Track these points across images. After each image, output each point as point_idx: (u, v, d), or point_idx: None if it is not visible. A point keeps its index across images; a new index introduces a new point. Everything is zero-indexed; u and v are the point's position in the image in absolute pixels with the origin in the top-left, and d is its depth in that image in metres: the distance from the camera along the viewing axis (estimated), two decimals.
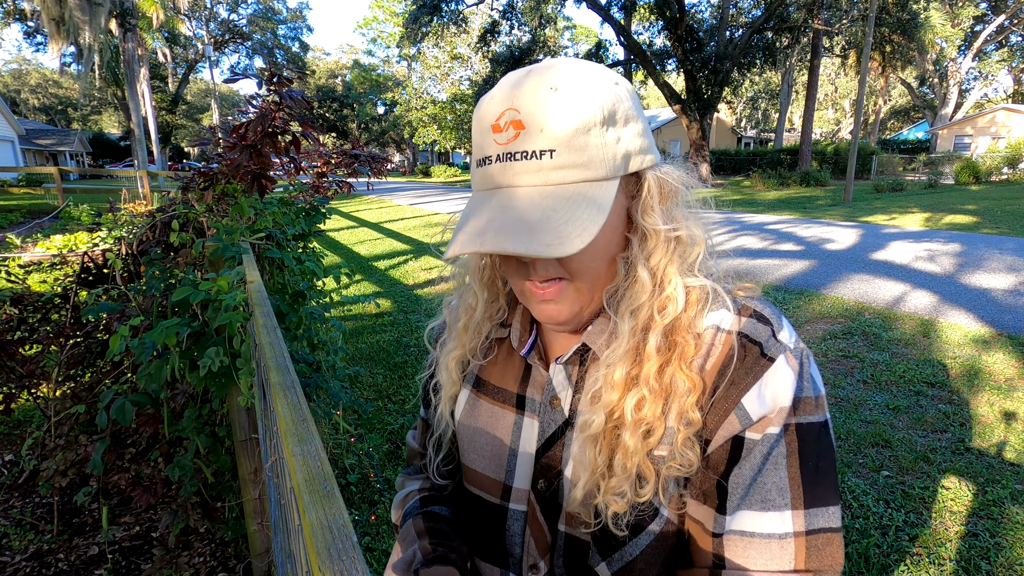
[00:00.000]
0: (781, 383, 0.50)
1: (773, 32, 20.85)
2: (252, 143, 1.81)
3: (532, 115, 0.48)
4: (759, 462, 0.50)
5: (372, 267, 7.36)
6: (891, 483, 2.35)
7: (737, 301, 0.55)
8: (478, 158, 0.52)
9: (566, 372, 0.59)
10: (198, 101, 57.71)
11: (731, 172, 28.83)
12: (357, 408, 2.73)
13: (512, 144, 0.48)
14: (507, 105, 0.49)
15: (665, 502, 0.54)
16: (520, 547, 0.62)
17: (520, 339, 0.63)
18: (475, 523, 0.66)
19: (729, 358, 0.51)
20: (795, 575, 0.50)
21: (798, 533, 0.50)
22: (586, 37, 45.54)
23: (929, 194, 15.56)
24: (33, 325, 2.22)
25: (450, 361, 0.66)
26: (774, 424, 0.50)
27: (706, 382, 0.52)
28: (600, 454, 0.53)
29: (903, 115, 50.58)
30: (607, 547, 0.56)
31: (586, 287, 0.53)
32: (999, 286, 5.18)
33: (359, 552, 0.38)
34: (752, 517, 0.51)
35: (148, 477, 1.65)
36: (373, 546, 2.05)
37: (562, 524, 0.58)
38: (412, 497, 0.72)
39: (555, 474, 0.58)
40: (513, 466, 0.61)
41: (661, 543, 0.55)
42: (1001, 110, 27.12)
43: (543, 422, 0.60)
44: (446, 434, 0.69)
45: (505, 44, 25.02)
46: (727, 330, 0.53)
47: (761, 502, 0.50)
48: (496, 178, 0.50)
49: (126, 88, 21.26)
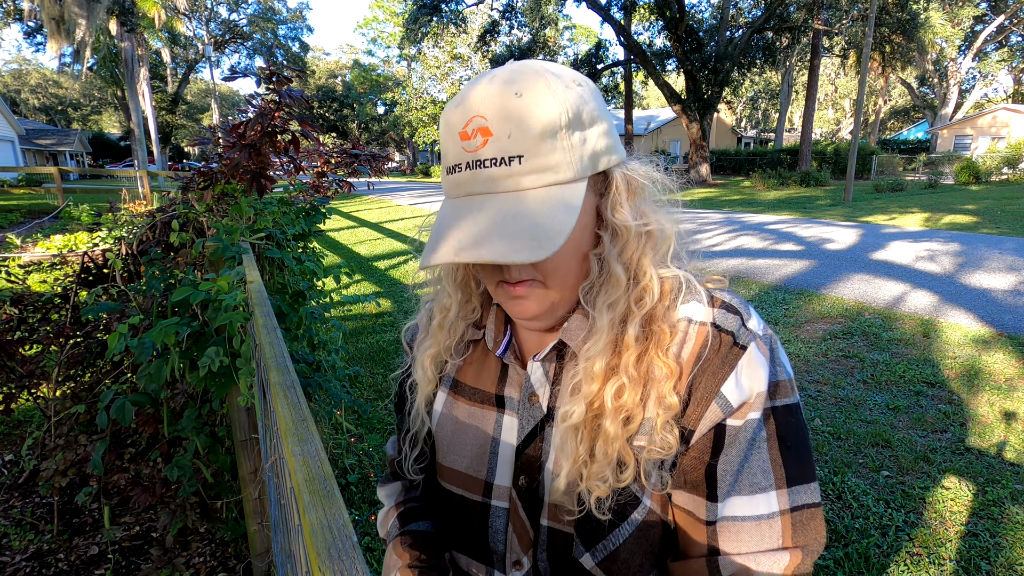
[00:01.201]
0: (756, 370, 0.52)
1: (773, 32, 20.87)
2: (251, 142, 1.81)
3: (498, 122, 0.49)
4: (744, 448, 0.52)
5: (372, 267, 7.36)
6: (891, 483, 2.35)
7: (707, 293, 0.57)
8: (448, 166, 0.52)
9: (543, 369, 0.60)
10: (198, 101, 57.72)
11: (731, 172, 28.84)
12: (357, 408, 2.73)
13: (481, 151, 0.49)
14: (473, 112, 0.50)
15: (649, 488, 0.55)
16: (503, 544, 0.62)
17: (495, 339, 0.64)
18: (456, 521, 0.67)
19: (704, 347, 0.53)
20: (783, 552, 0.52)
21: (783, 511, 0.52)
22: (586, 37, 45.55)
23: (929, 194, 15.57)
24: (33, 325, 2.22)
25: (426, 359, 0.67)
26: (754, 410, 0.52)
27: (683, 368, 0.53)
28: (581, 443, 0.54)
29: (903, 115, 50.60)
30: (590, 538, 0.56)
31: (558, 285, 0.55)
32: (999, 286, 5.18)
33: (359, 552, 0.38)
34: (742, 502, 0.52)
35: (147, 477, 1.65)
36: (373, 546, 2.05)
37: (544, 518, 0.59)
38: (391, 516, 0.74)
39: (535, 469, 0.59)
40: (494, 464, 0.62)
41: (644, 533, 0.56)
42: (1001, 110, 27.12)
43: (522, 419, 0.61)
44: (421, 431, 0.70)
45: (505, 44, 25.03)
46: (700, 321, 0.54)
47: (749, 486, 0.52)
48: (466, 186, 0.51)
49: (126, 88, 21.26)
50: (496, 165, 0.49)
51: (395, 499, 0.77)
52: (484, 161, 0.49)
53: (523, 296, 0.54)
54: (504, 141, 0.48)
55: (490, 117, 0.49)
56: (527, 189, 0.49)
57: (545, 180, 0.49)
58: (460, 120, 0.50)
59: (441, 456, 0.68)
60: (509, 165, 0.49)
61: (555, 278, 0.54)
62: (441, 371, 0.69)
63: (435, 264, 0.50)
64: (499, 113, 0.49)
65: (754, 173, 22.84)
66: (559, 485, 0.55)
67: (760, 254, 7.26)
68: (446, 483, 0.67)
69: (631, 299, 0.54)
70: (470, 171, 0.50)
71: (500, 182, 0.49)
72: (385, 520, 0.76)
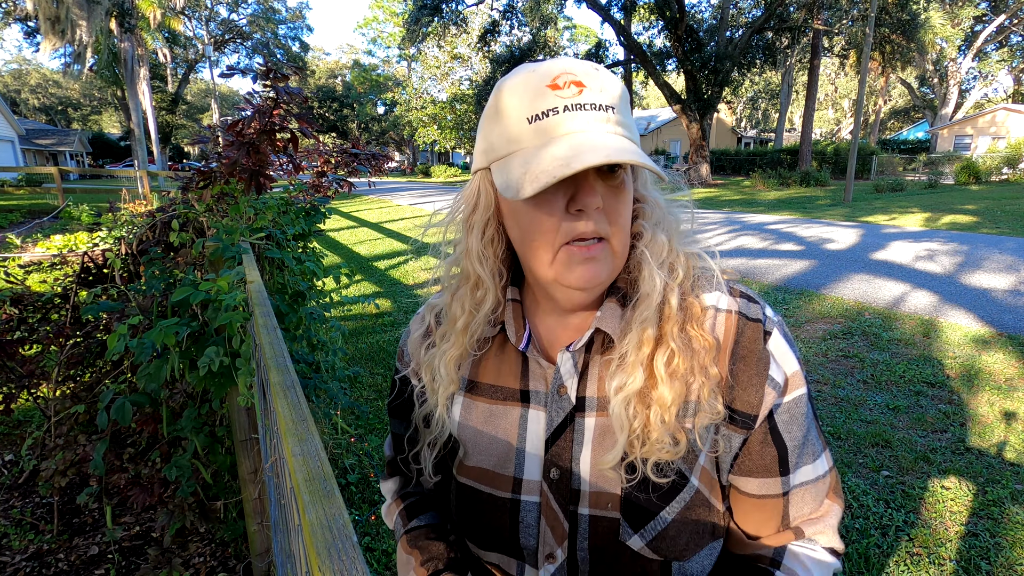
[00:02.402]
0: (786, 353, 0.58)
1: (773, 32, 20.86)
2: (249, 140, 1.81)
3: (589, 78, 0.53)
4: (802, 421, 0.58)
5: (372, 267, 7.36)
6: (891, 483, 2.35)
7: (727, 283, 0.61)
8: (536, 112, 0.52)
9: (573, 360, 0.60)
10: (198, 101, 57.70)
11: (731, 172, 28.84)
12: (357, 409, 2.73)
13: (579, 97, 0.52)
14: (560, 70, 0.53)
15: (697, 466, 0.58)
16: (535, 538, 0.62)
17: (516, 334, 0.64)
18: (482, 518, 0.66)
19: (738, 334, 0.58)
20: (828, 503, 0.60)
21: (831, 469, 0.61)
22: (586, 37, 45.53)
23: (929, 194, 15.57)
24: (33, 325, 2.22)
25: (449, 361, 0.66)
26: (797, 387, 0.58)
27: (721, 345, 0.57)
28: (636, 416, 0.56)
29: (903, 115, 50.59)
30: (638, 519, 0.58)
31: (619, 248, 0.57)
32: (999, 286, 5.18)
33: (359, 552, 0.38)
34: (808, 469, 0.59)
35: (147, 477, 1.65)
36: (373, 546, 2.05)
37: (584, 507, 0.59)
38: (395, 511, 0.76)
39: (567, 460, 0.60)
40: (522, 460, 0.62)
41: (690, 511, 0.59)
42: (1001, 110, 27.11)
43: (551, 411, 0.61)
44: (442, 437, 0.69)
45: (505, 44, 25.03)
46: (726, 309, 0.59)
47: (812, 454, 0.59)
48: (564, 126, 0.52)
49: (126, 88, 21.26)
50: (597, 109, 0.52)
51: (396, 492, 0.78)
52: (585, 105, 0.52)
53: (595, 257, 0.55)
54: (598, 93, 0.53)
55: (580, 74, 0.53)
56: (618, 135, 0.53)
57: (626, 134, 0.53)
58: (545, 75, 0.53)
59: (465, 457, 0.68)
60: (607, 112, 0.53)
61: (621, 235, 0.56)
62: (459, 369, 0.68)
63: (580, 169, 0.47)
64: (587, 73, 0.53)
65: (754, 173, 22.83)
66: (608, 459, 0.57)
67: (760, 254, 7.26)
68: (472, 481, 0.67)
69: (666, 270, 0.58)
70: (570, 112, 0.52)
71: (601, 125, 0.52)
72: (389, 514, 0.77)
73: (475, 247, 0.62)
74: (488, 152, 0.58)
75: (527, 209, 0.55)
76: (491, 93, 0.59)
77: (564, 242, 0.54)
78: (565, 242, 0.54)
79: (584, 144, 0.50)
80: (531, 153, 0.53)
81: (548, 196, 0.53)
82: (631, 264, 0.60)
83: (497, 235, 0.62)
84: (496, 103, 0.56)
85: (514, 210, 0.57)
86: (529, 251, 0.57)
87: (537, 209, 0.54)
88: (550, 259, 0.56)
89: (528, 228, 0.56)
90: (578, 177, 0.53)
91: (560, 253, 0.55)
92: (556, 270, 0.56)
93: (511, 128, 0.54)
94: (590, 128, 0.52)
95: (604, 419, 0.59)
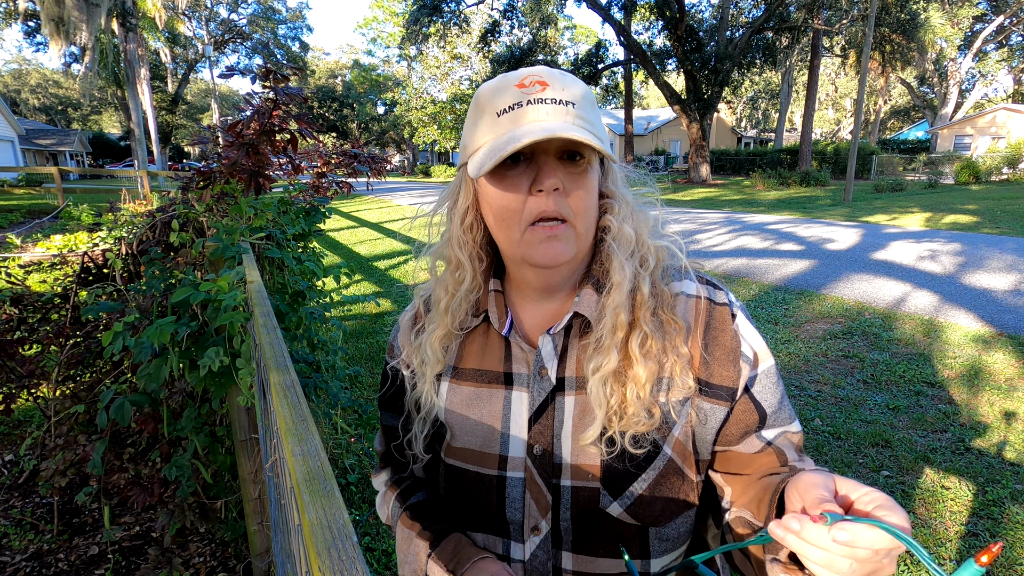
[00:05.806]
0: (751, 330, 0.65)
1: (773, 32, 20.87)
2: (249, 140, 1.81)
3: (552, 79, 0.60)
4: (775, 388, 0.64)
5: (372, 267, 7.36)
6: (891, 483, 2.35)
7: (694, 271, 0.68)
8: (504, 107, 0.59)
9: (553, 343, 0.65)
10: (198, 101, 57.69)
11: (731, 172, 28.82)
12: (357, 408, 2.73)
13: (542, 93, 0.59)
14: (527, 73, 0.61)
15: (671, 436, 0.62)
16: (521, 511, 0.66)
17: (499, 320, 0.69)
18: (470, 497, 0.70)
19: (708, 316, 0.64)
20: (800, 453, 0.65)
21: (801, 431, 0.66)
22: (586, 37, 45.52)
23: (929, 194, 15.57)
24: (33, 325, 2.22)
25: (435, 340, 0.71)
26: (766, 360, 0.64)
27: (691, 328, 0.63)
28: (612, 394, 0.60)
29: (903, 115, 50.58)
30: (616, 488, 0.63)
31: (582, 232, 0.62)
32: (999, 286, 5.18)
33: (359, 552, 0.38)
34: (787, 426, 0.64)
35: (146, 477, 1.65)
36: (373, 546, 2.05)
37: (566, 480, 0.64)
38: (390, 498, 0.80)
39: (549, 437, 0.65)
40: (507, 438, 0.67)
41: (664, 479, 0.63)
42: (1001, 110, 27.10)
43: (533, 392, 0.66)
44: (431, 414, 0.73)
45: (505, 44, 25.03)
46: (695, 295, 0.65)
47: (788, 418, 0.64)
48: (526, 117, 0.58)
49: (126, 88, 21.26)
50: (556, 103, 0.58)
51: (389, 481, 0.82)
52: (545, 99, 0.59)
53: (557, 236, 0.60)
54: (560, 91, 0.59)
55: (545, 76, 0.60)
56: (576, 125, 0.58)
57: (585, 126, 0.58)
58: (515, 78, 0.60)
59: (452, 440, 0.72)
60: (566, 106, 0.59)
61: (583, 220, 0.61)
62: (447, 350, 0.73)
63: (526, 145, 0.55)
64: (552, 76, 0.60)
65: (754, 173, 22.82)
66: (588, 435, 0.61)
67: (761, 254, 7.26)
68: (459, 462, 0.71)
69: (636, 261, 0.64)
70: (532, 105, 0.58)
71: (559, 116, 0.58)
72: (384, 502, 0.81)
73: (456, 233, 0.69)
74: (466, 148, 0.64)
75: (496, 192, 0.61)
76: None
77: (529, 222, 0.60)
78: (530, 222, 0.60)
79: (536, 127, 0.56)
80: (497, 140, 0.59)
81: (513, 179, 0.60)
82: (602, 255, 0.65)
83: (476, 223, 0.68)
84: (474, 105, 0.63)
85: (487, 195, 0.63)
86: (500, 231, 0.64)
87: (505, 191, 0.61)
88: (518, 237, 0.62)
89: (497, 208, 0.62)
90: (539, 160, 0.59)
91: (526, 233, 0.61)
92: (523, 249, 0.62)
93: (484, 123, 0.61)
94: (549, 118, 0.58)
95: (583, 397, 0.63)
